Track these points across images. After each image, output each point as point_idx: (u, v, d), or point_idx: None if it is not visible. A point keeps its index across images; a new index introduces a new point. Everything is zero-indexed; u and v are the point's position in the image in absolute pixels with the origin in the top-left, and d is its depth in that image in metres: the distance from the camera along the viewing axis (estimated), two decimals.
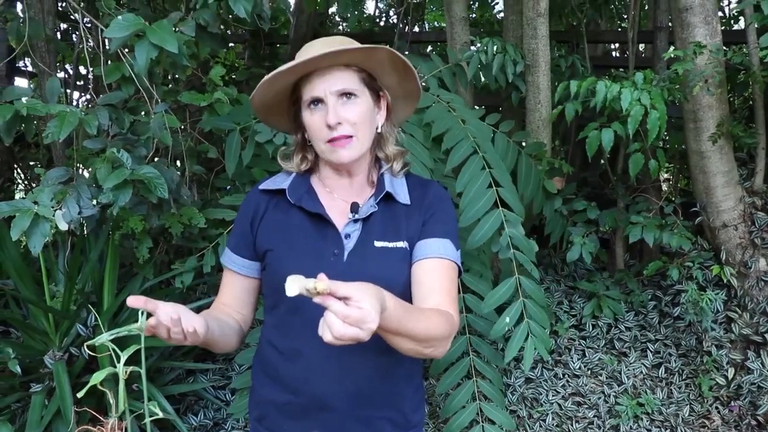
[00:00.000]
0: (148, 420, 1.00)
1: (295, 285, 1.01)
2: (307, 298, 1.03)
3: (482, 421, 2.63)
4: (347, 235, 1.44)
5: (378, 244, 1.43)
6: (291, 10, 5.26)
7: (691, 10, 3.06)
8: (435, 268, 1.43)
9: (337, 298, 1.02)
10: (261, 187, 1.54)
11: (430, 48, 6.23)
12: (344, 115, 1.38)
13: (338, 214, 1.47)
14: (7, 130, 2.10)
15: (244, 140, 2.72)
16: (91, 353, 1.85)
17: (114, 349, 1.03)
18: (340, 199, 1.50)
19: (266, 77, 1.40)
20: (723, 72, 3.08)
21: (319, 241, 1.43)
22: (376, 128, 1.48)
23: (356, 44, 1.41)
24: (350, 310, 1.01)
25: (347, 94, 1.39)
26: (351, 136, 1.39)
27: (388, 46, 1.41)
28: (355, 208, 1.46)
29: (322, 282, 1.01)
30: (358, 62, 1.42)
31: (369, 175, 1.52)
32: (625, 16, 4.83)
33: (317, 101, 1.40)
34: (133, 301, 1.14)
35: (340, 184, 1.51)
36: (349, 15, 5.10)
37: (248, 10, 2.14)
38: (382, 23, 6.62)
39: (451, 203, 1.56)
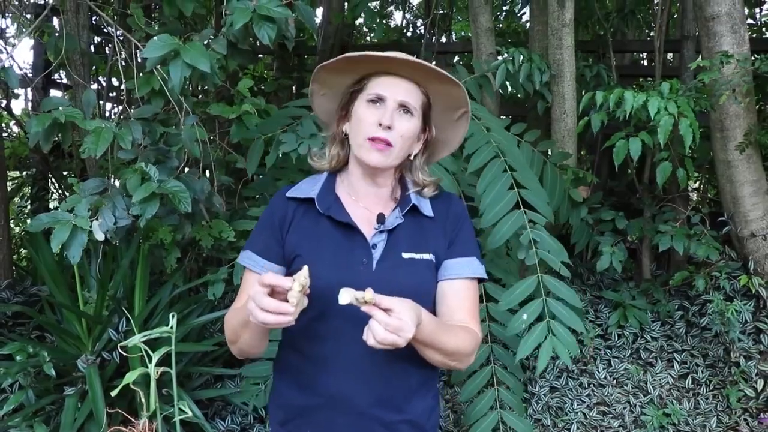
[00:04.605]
0: (177, 418, 1.04)
1: (346, 295, 1.17)
2: (332, 306, 1.24)
3: (503, 430, 2.64)
4: (374, 245, 1.48)
5: (405, 255, 1.48)
6: (318, 23, 5.33)
7: (717, 19, 3.05)
8: (462, 288, 1.52)
9: (380, 309, 1.18)
10: (288, 194, 1.57)
11: (456, 58, 6.26)
12: (396, 124, 1.45)
13: (365, 223, 1.50)
14: (45, 137, 2.19)
15: (268, 149, 2.82)
16: (123, 353, 1.90)
17: (146, 350, 1.08)
18: (365, 208, 1.54)
19: (350, 54, 1.48)
20: (751, 81, 3.05)
21: (348, 249, 1.47)
22: (410, 154, 1.55)
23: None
24: (391, 320, 1.17)
25: (406, 108, 1.47)
26: (391, 145, 1.45)
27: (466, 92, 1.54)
28: (381, 219, 1.50)
29: (369, 293, 1.17)
30: (427, 83, 1.51)
31: (393, 191, 1.57)
32: (653, 25, 4.81)
33: (380, 100, 1.47)
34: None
35: (366, 193, 1.55)
36: (375, 26, 5.16)
37: (272, 36, 2.21)
38: (409, 34, 6.68)
39: (469, 218, 1.63)
